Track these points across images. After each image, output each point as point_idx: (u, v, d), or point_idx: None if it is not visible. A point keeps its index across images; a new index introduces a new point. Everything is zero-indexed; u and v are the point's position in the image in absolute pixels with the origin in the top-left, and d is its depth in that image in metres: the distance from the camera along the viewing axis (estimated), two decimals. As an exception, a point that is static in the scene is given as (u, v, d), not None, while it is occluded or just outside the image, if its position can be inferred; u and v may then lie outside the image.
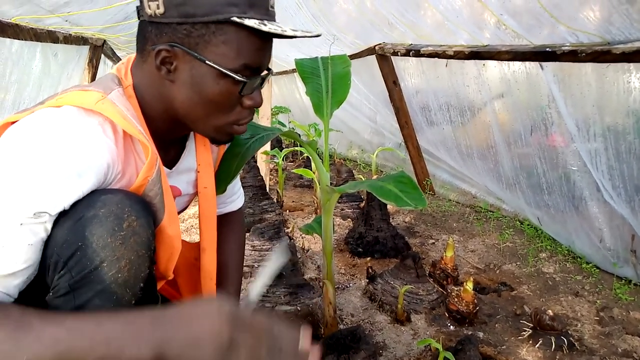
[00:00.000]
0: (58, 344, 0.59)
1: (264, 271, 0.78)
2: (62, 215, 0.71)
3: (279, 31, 0.76)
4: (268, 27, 0.75)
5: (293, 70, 5.24)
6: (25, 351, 0.58)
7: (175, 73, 0.80)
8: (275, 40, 0.86)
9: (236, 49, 0.77)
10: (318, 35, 0.83)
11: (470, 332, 1.65)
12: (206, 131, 0.88)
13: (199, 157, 1.04)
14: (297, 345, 0.67)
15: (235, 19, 0.74)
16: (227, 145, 1.13)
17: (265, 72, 0.86)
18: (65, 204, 0.70)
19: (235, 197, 1.30)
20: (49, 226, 0.70)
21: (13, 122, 0.74)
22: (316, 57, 1.60)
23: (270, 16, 0.80)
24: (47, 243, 0.71)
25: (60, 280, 0.71)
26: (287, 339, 0.68)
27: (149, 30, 0.79)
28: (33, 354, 0.58)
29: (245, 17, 0.75)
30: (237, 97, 0.83)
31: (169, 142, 0.96)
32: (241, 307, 0.69)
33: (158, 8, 0.75)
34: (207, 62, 0.77)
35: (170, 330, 0.63)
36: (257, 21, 0.75)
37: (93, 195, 0.73)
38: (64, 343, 0.59)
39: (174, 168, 1.00)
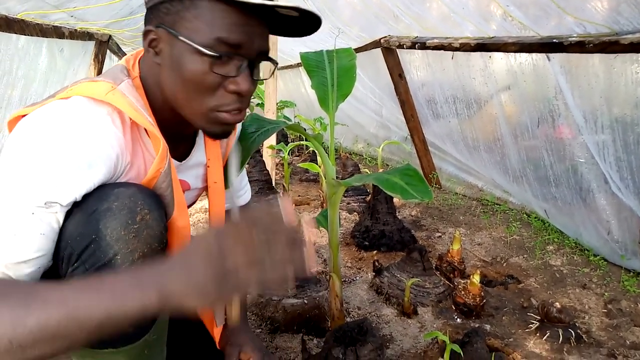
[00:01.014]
0: (65, 303, 0.60)
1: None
2: (75, 208, 0.72)
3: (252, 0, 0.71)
4: None
5: (298, 65, 5.23)
6: (34, 315, 0.58)
7: (160, 55, 0.79)
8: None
9: (209, 22, 0.73)
10: (312, 14, 0.78)
11: (477, 325, 1.65)
12: (195, 119, 0.83)
13: (208, 152, 1.04)
14: (282, 225, 0.67)
15: None
16: (235, 139, 1.14)
17: (253, 55, 0.79)
18: (77, 194, 0.71)
19: (243, 192, 1.30)
20: (61, 217, 0.71)
21: (24, 116, 0.75)
22: (321, 51, 1.59)
23: None
24: (61, 236, 0.72)
25: (74, 272, 0.72)
26: (272, 224, 0.66)
27: (145, 16, 0.80)
28: (41, 317, 0.58)
29: None
30: (216, 78, 0.77)
31: (179, 138, 0.95)
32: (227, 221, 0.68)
33: None
34: (180, 37, 0.75)
35: (170, 268, 0.64)
36: None
37: (106, 189, 0.74)
38: (70, 301, 0.60)
39: (183, 162, 1.00)
